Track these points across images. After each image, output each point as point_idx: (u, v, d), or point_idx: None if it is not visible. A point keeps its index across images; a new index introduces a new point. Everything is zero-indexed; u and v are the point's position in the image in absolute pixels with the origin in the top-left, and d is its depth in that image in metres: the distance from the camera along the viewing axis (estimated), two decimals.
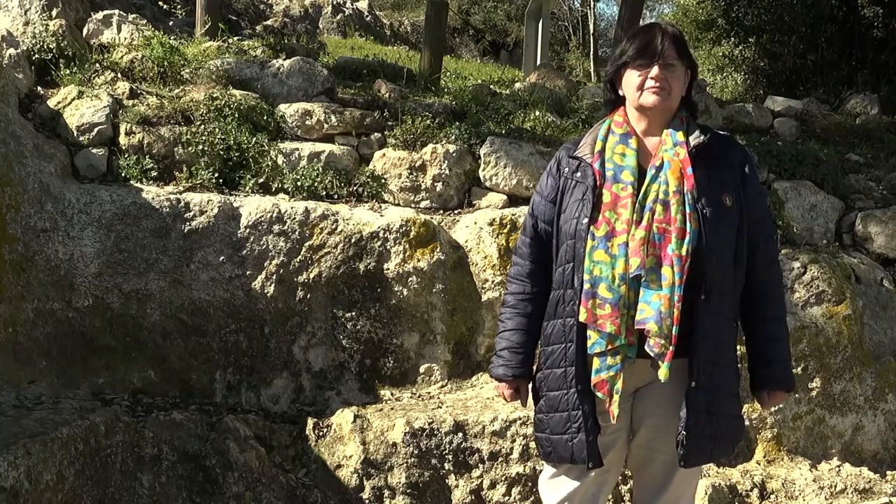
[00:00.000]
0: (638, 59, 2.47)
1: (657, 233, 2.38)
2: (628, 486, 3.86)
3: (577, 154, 2.56)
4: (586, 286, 2.40)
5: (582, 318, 2.41)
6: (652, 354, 2.37)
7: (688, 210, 2.39)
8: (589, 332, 2.42)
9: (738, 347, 2.59)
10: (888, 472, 4.44)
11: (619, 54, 2.55)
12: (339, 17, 14.06)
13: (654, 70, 2.44)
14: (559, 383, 2.50)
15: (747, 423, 4.39)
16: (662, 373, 2.36)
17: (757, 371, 2.62)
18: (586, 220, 2.44)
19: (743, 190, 2.51)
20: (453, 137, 4.98)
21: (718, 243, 2.41)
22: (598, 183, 2.46)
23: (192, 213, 4.28)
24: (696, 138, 2.48)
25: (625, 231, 2.40)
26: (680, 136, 2.48)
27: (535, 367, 2.65)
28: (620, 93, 2.56)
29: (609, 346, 2.39)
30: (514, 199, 4.84)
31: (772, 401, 2.65)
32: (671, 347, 2.35)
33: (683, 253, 2.36)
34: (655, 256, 2.38)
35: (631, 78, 2.50)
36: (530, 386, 2.68)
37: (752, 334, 2.62)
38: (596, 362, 2.42)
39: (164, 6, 9.96)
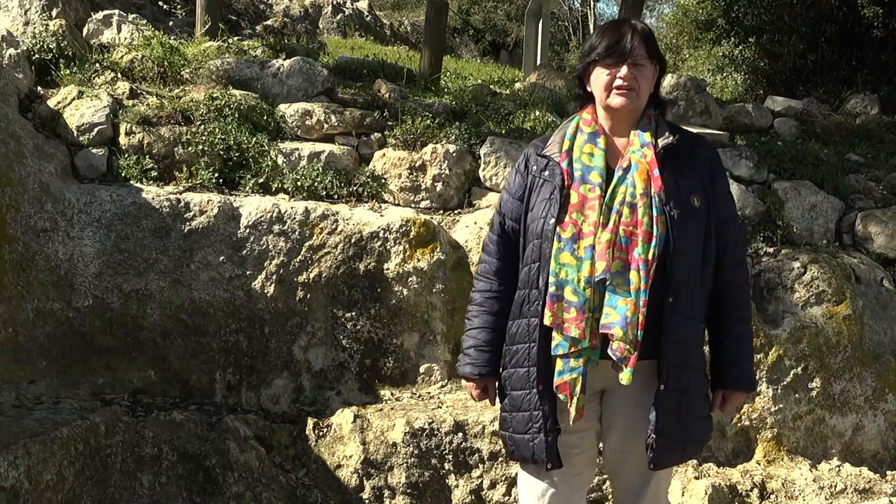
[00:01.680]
0: (607, 58, 2.44)
1: (624, 236, 2.37)
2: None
3: (546, 153, 2.54)
4: (552, 289, 2.39)
5: (547, 321, 2.40)
6: (614, 358, 2.36)
7: (655, 213, 2.37)
8: (553, 334, 2.41)
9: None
10: (888, 472, 4.44)
11: (587, 50, 2.52)
12: (339, 17, 14.06)
13: (623, 70, 2.42)
14: (522, 383, 2.50)
15: (747, 423, 4.39)
16: (625, 377, 2.36)
17: (718, 371, 2.59)
18: (553, 221, 2.42)
19: (711, 190, 2.49)
20: (453, 137, 4.99)
21: (686, 245, 2.39)
22: (565, 183, 2.45)
23: (192, 213, 4.28)
24: (664, 139, 2.46)
25: (591, 233, 2.38)
26: (647, 136, 2.46)
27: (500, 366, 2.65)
28: (589, 89, 2.54)
29: (572, 349, 2.39)
30: None
31: (730, 402, 2.61)
32: (635, 353, 2.34)
33: (650, 257, 2.34)
34: (622, 260, 2.36)
35: (599, 77, 2.47)
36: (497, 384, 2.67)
37: (716, 335, 2.60)
38: (559, 364, 2.42)
39: (164, 6, 9.96)
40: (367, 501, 3.89)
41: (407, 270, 4.37)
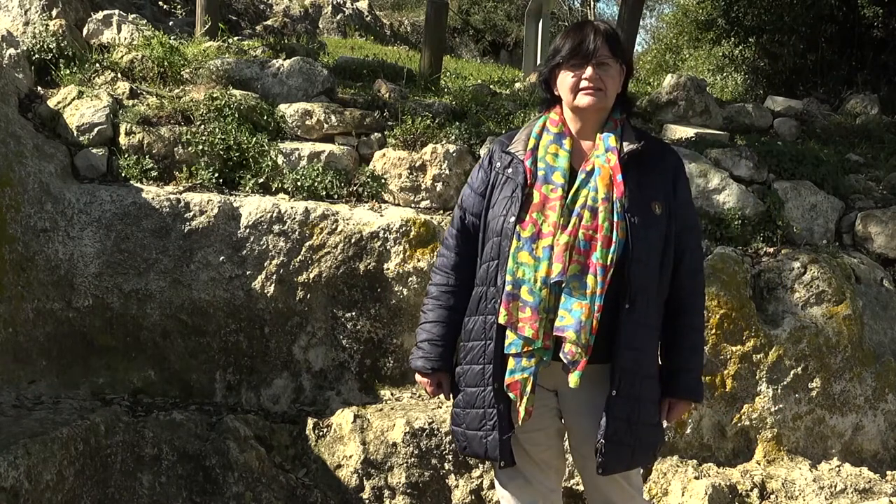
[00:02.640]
0: (571, 60, 2.45)
1: (583, 239, 2.37)
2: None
3: (510, 150, 2.54)
4: (508, 287, 2.40)
5: (501, 320, 2.40)
6: (565, 361, 2.36)
7: (615, 219, 2.37)
8: (507, 332, 2.42)
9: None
10: (888, 472, 4.44)
11: (552, 53, 2.53)
12: (339, 17, 14.06)
13: (588, 71, 2.43)
14: (476, 380, 2.50)
15: (747, 422, 4.39)
16: (573, 380, 2.35)
17: (667, 379, 2.57)
18: (513, 219, 2.43)
19: (673, 197, 2.49)
20: (453, 137, 4.99)
21: (645, 252, 2.39)
22: (528, 181, 2.45)
23: (192, 213, 4.28)
24: (629, 145, 2.46)
25: (550, 234, 2.39)
26: (612, 140, 2.46)
27: (454, 361, 2.64)
28: (556, 92, 2.54)
29: (525, 349, 2.39)
30: None
31: (675, 411, 2.60)
32: (585, 357, 2.34)
33: (608, 262, 2.35)
34: (580, 263, 2.36)
35: (565, 79, 2.48)
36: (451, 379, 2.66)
37: (668, 342, 2.58)
38: (511, 362, 2.42)
39: (164, 6, 9.96)
40: (367, 501, 3.89)
41: (407, 270, 4.37)
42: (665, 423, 2.60)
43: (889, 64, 8.96)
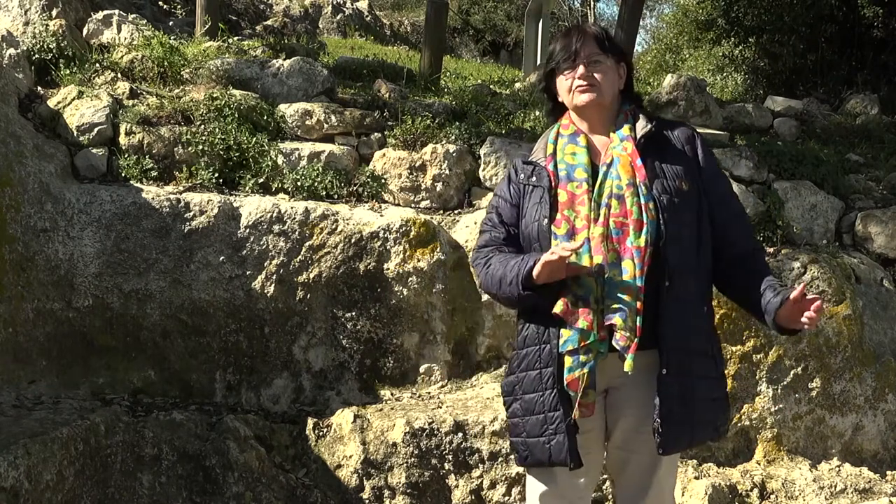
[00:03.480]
0: (563, 63, 2.53)
1: (615, 227, 2.40)
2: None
3: (532, 159, 2.60)
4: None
5: (557, 309, 2.40)
6: (618, 348, 2.38)
7: (642, 201, 2.40)
8: (562, 331, 2.42)
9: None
10: (888, 472, 4.44)
11: (546, 61, 2.61)
12: (339, 17, 14.05)
13: (580, 69, 2.50)
14: (534, 385, 2.50)
15: (747, 422, 4.39)
16: (627, 364, 2.36)
17: (774, 305, 2.42)
18: (546, 221, 2.46)
19: (699, 172, 2.52)
20: (453, 137, 4.99)
21: (678, 229, 2.42)
22: (553, 184, 2.49)
23: (192, 213, 4.28)
24: (642, 128, 2.51)
25: (585, 227, 2.42)
26: (626, 130, 2.52)
27: (506, 371, 2.63)
28: (560, 99, 2.60)
29: (581, 343, 2.39)
30: None
31: (789, 311, 2.39)
32: (636, 339, 2.35)
33: (642, 244, 2.38)
34: (615, 251, 2.40)
35: (562, 83, 2.55)
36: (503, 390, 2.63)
37: (752, 295, 2.49)
38: (568, 360, 2.42)
39: (164, 6, 9.96)
40: (367, 501, 3.88)
41: (407, 270, 4.37)
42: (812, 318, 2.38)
43: (889, 64, 8.96)
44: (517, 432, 2.57)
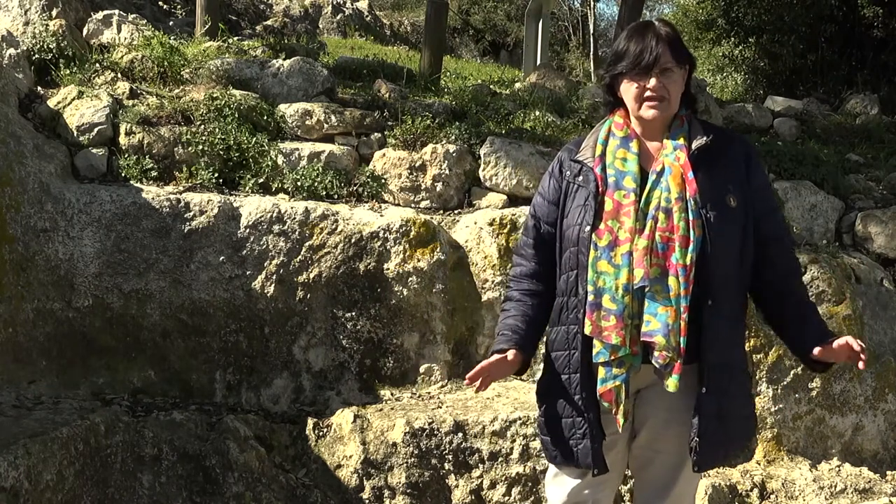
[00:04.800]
0: (633, 70, 2.42)
1: (660, 241, 2.35)
2: (628, 486, 3.86)
3: (579, 157, 2.52)
4: (590, 297, 2.38)
5: (587, 331, 2.38)
6: (657, 366, 2.35)
7: (691, 217, 2.35)
8: (594, 342, 2.40)
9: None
10: (888, 472, 4.44)
11: (614, 59, 2.50)
12: (339, 17, 14.06)
13: (652, 81, 2.40)
14: (563, 390, 2.49)
15: None
16: (671, 384, 2.34)
17: (812, 341, 2.50)
18: (588, 229, 2.40)
19: (748, 186, 2.47)
20: (453, 137, 4.98)
21: (724, 247, 2.38)
22: (599, 189, 2.43)
23: (192, 213, 4.28)
24: (697, 140, 2.44)
25: (628, 240, 2.36)
26: (680, 139, 2.45)
27: (539, 372, 2.63)
28: (619, 96, 2.52)
29: (613, 357, 2.37)
30: (514, 200, 4.84)
31: (829, 350, 2.48)
32: (679, 359, 2.32)
33: (688, 262, 2.33)
34: (660, 266, 2.35)
35: (629, 88, 2.45)
36: (534, 388, 2.66)
37: (786, 321, 2.55)
38: (602, 372, 2.40)
39: (164, 6, 9.96)
40: (367, 501, 3.88)
41: (407, 270, 4.37)
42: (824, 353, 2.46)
43: (889, 64, 8.97)
44: (545, 433, 2.58)
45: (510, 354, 2.47)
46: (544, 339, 2.61)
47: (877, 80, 8.75)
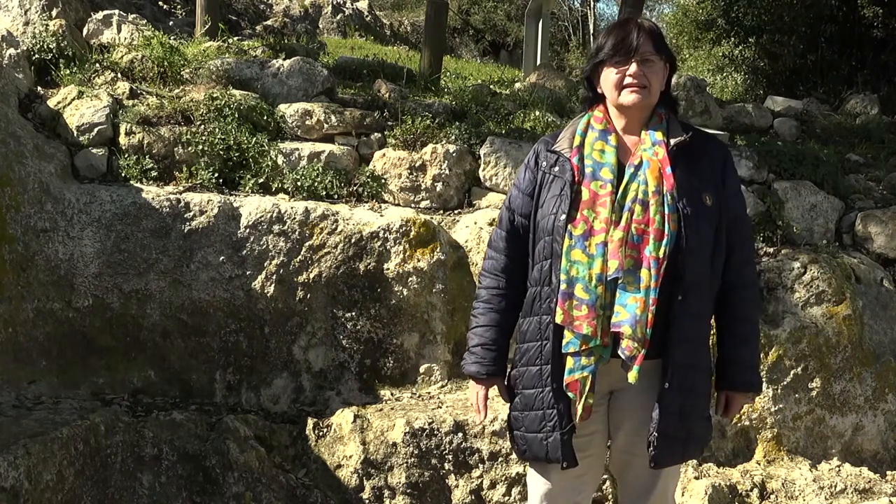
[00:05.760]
0: (615, 56, 2.44)
1: (635, 233, 2.36)
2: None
3: (556, 148, 2.53)
4: (563, 286, 2.38)
5: (558, 319, 2.39)
6: (623, 357, 2.35)
7: (667, 211, 2.36)
8: (564, 332, 2.40)
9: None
10: (888, 472, 4.44)
11: (595, 51, 2.52)
12: (339, 17, 14.06)
13: (632, 67, 2.42)
14: (534, 381, 2.48)
15: (747, 423, 4.39)
16: (632, 376, 2.35)
17: (721, 371, 2.58)
18: (564, 217, 2.41)
19: (723, 188, 2.49)
20: (453, 137, 4.98)
21: (697, 243, 2.39)
22: (576, 179, 2.44)
23: (192, 213, 4.28)
24: (676, 137, 2.45)
25: (603, 230, 2.37)
26: (659, 135, 2.46)
27: (509, 365, 2.63)
28: (599, 90, 2.53)
29: (583, 347, 2.37)
30: None
31: (732, 404, 2.59)
32: (643, 351, 2.33)
33: (661, 255, 2.34)
34: (633, 258, 2.35)
35: (609, 76, 2.46)
36: (506, 383, 2.65)
37: (721, 335, 2.59)
38: (570, 362, 2.40)
39: (164, 6, 9.97)
40: (367, 501, 3.89)
41: (407, 270, 4.37)
42: (725, 418, 2.56)
43: (889, 64, 8.97)
44: (517, 426, 2.57)
45: (481, 393, 2.63)
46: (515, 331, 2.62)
47: (877, 80, 8.75)
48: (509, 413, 2.62)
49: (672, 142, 2.45)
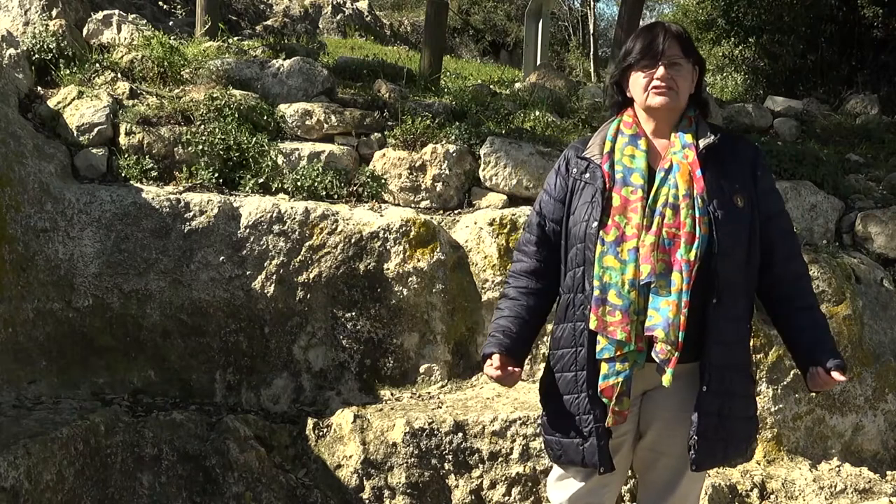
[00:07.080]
0: (642, 60, 2.46)
1: (667, 237, 2.36)
2: (628, 486, 3.86)
3: (586, 154, 2.54)
4: (596, 292, 2.39)
5: (592, 325, 2.39)
6: (657, 360, 2.36)
7: (697, 214, 2.37)
8: (598, 338, 2.40)
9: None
10: (888, 472, 4.44)
11: (623, 55, 2.54)
12: (339, 17, 14.06)
13: (660, 70, 2.43)
14: (570, 387, 2.49)
15: None
16: (666, 379, 2.35)
17: (803, 360, 2.54)
18: (595, 224, 2.42)
19: (754, 188, 2.49)
20: (453, 137, 4.98)
21: (730, 246, 2.39)
22: (606, 185, 2.44)
23: (192, 213, 4.28)
24: (705, 139, 2.46)
25: (635, 236, 2.38)
26: (688, 137, 2.46)
27: (540, 372, 2.64)
28: (628, 94, 2.54)
29: (618, 353, 2.38)
30: (514, 199, 4.84)
31: (820, 379, 2.50)
32: (676, 354, 2.33)
33: (692, 258, 2.34)
34: (665, 262, 2.36)
35: (637, 79, 2.48)
36: (538, 387, 2.65)
37: (787, 329, 2.57)
38: (604, 367, 2.41)
39: (164, 6, 9.96)
40: (367, 501, 3.88)
41: (407, 270, 4.37)
42: (825, 388, 2.51)
43: (889, 64, 8.97)
44: (551, 431, 2.57)
45: (495, 360, 2.49)
46: (549, 336, 2.61)
47: (877, 80, 8.75)
48: (542, 418, 2.63)
49: (701, 144, 2.45)
